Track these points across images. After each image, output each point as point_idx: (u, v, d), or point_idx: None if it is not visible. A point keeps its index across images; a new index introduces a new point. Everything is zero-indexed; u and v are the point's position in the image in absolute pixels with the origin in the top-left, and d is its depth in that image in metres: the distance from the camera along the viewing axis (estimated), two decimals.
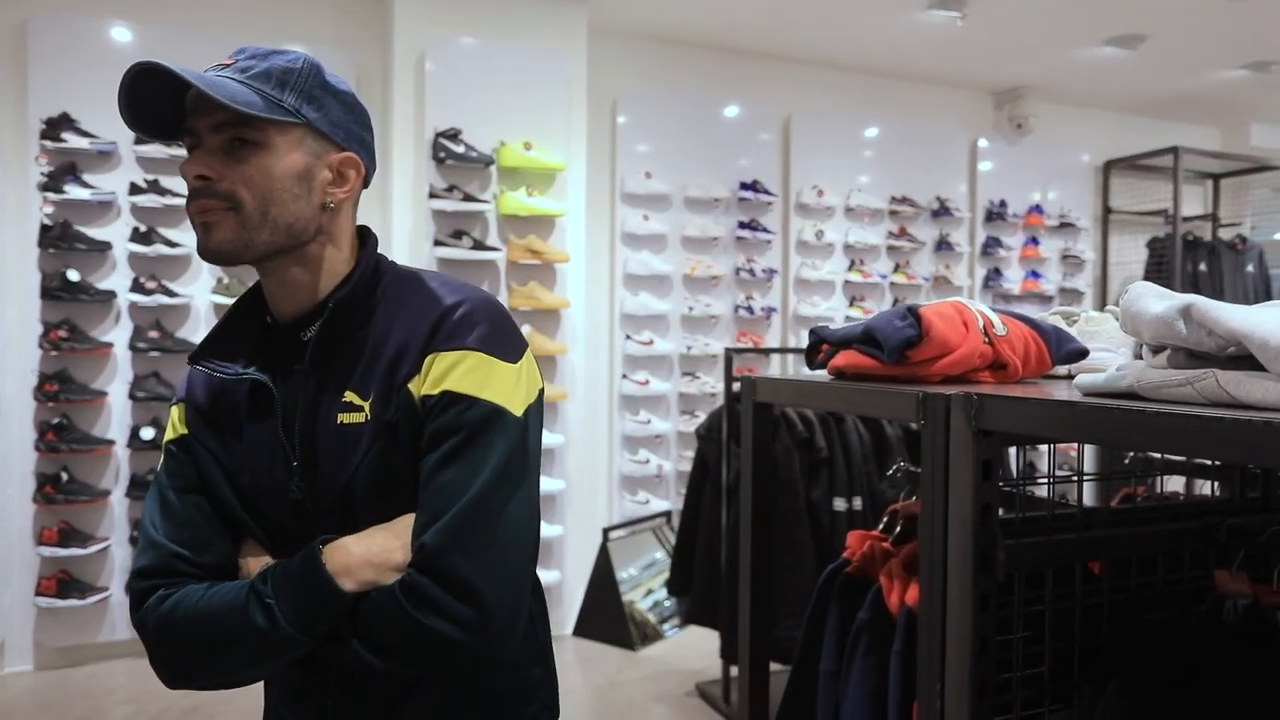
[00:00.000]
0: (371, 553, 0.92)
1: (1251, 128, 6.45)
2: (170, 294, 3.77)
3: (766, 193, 5.03)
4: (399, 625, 0.89)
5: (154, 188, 3.75)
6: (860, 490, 3.03)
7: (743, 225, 5.00)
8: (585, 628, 4.21)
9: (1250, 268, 6.10)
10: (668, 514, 4.72)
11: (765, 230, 5.03)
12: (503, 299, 4.05)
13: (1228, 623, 1.13)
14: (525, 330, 4.04)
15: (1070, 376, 1.36)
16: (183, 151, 3.37)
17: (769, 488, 1.52)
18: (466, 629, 0.88)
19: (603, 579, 4.18)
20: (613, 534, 4.30)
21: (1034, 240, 5.83)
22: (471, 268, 3.99)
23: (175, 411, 1.07)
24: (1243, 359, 0.85)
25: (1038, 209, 5.83)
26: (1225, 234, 6.32)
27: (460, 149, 3.90)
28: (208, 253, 0.94)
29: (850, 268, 5.30)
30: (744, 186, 5.00)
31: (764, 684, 1.54)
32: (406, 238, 3.98)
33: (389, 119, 4.06)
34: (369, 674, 0.93)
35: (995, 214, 5.70)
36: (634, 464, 4.72)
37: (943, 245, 5.52)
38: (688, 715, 3.36)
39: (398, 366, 0.95)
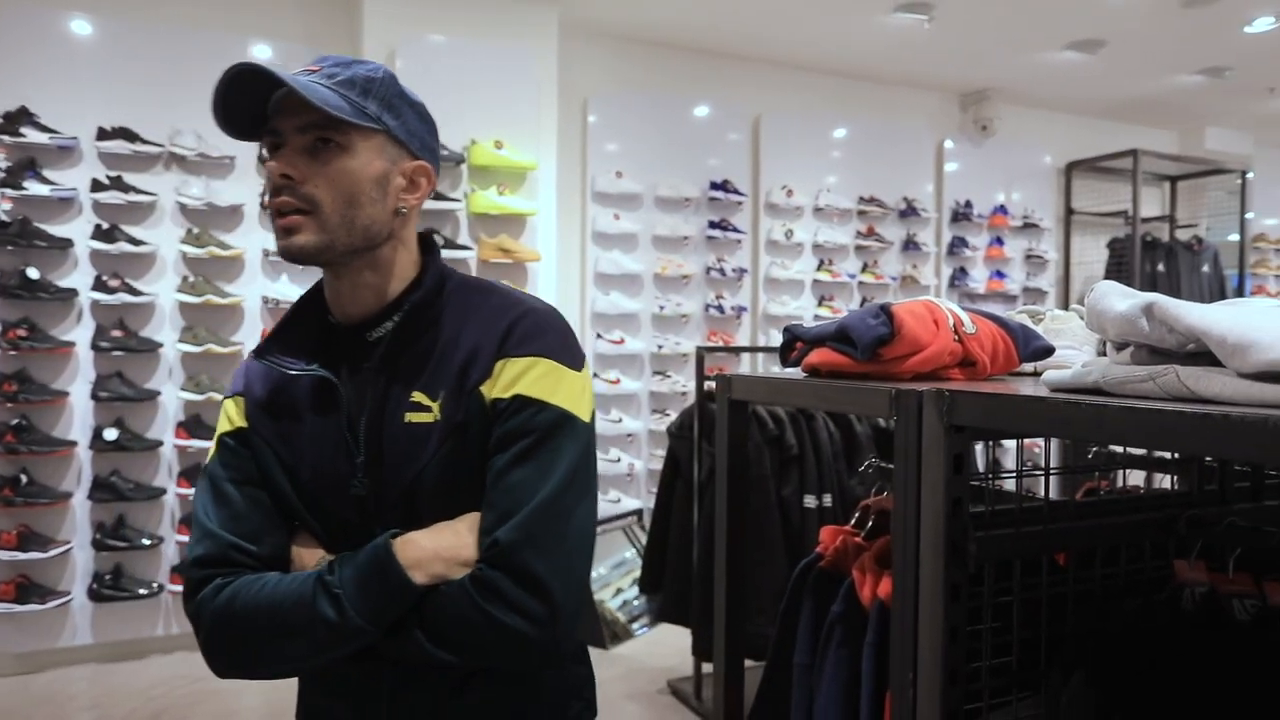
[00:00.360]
0: (442, 547, 0.94)
1: (1207, 131, 6.61)
2: (134, 292, 3.70)
3: (737, 192, 5.06)
4: (471, 619, 0.91)
5: (117, 184, 3.69)
6: (830, 487, 3.06)
7: (713, 225, 5.03)
8: None
9: (1206, 268, 6.26)
10: (639, 512, 4.73)
11: (735, 230, 5.06)
12: None
13: (1186, 611, 1.16)
14: None
15: (1037, 374, 1.39)
16: (146, 148, 3.31)
17: (742, 485, 1.54)
18: (536, 624, 0.91)
19: None
20: None
21: (999, 240, 5.93)
22: None
23: (231, 405, 1.08)
24: (1201, 355, 0.88)
25: (1002, 209, 5.93)
26: (1182, 235, 6.47)
27: None
28: (289, 253, 0.97)
29: (819, 267, 5.35)
30: (714, 186, 5.03)
31: (739, 679, 1.55)
32: None
33: None
34: (428, 667, 0.95)
35: (961, 214, 5.79)
36: (605, 463, 4.72)
37: (910, 245, 5.60)
38: (660, 713, 3.38)
39: (469, 370, 0.98)
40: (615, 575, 4.37)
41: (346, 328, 1.05)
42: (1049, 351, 1.38)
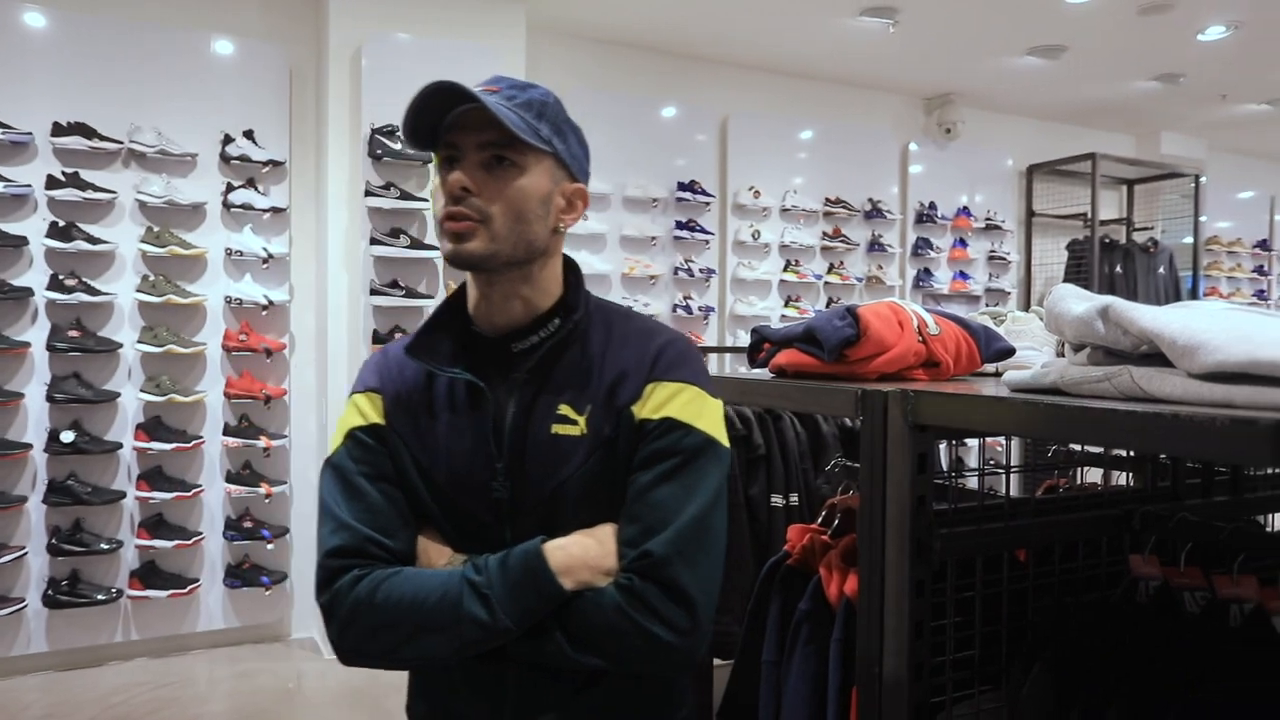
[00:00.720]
0: (589, 556, 0.97)
1: (1162, 136, 6.77)
2: (92, 291, 3.63)
3: (704, 193, 5.08)
4: (619, 626, 0.94)
5: (73, 181, 3.62)
6: (797, 486, 3.08)
7: (680, 225, 5.04)
8: None
9: (1161, 269, 6.40)
10: None
11: (703, 230, 5.08)
12: (440, 298, 4.01)
13: (1141, 603, 1.20)
14: None
15: (998, 374, 1.42)
16: (104, 144, 3.25)
17: None
18: (681, 634, 0.94)
19: None
20: None
21: (962, 242, 6.02)
22: (409, 266, 3.95)
23: (364, 400, 1.10)
24: (1154, 356, 0.91)
25: (965, 211, 6.02)
26: (1139, 237, 6.61)
27: (398, 146, 3.85)
28: (458, 258, 1.01)
29: (786, 268, 5.39)
30: (682, 187, 5.05)
31: (708, 678, 1.57)
32: (342, 235, 3.91)
33: (323, 115, 3.99)
34: (556, 667, 0.98)
35: (925, 216, 5.87)
36: None
37: (875, 246, 5.66)
38: None
39: (618, 390, 1.03)
40: None
41: (490, 338, 1.08)
42: (1010, 352, 1.41)
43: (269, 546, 3.94)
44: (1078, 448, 1.45)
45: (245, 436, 3.89)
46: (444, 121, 1.01)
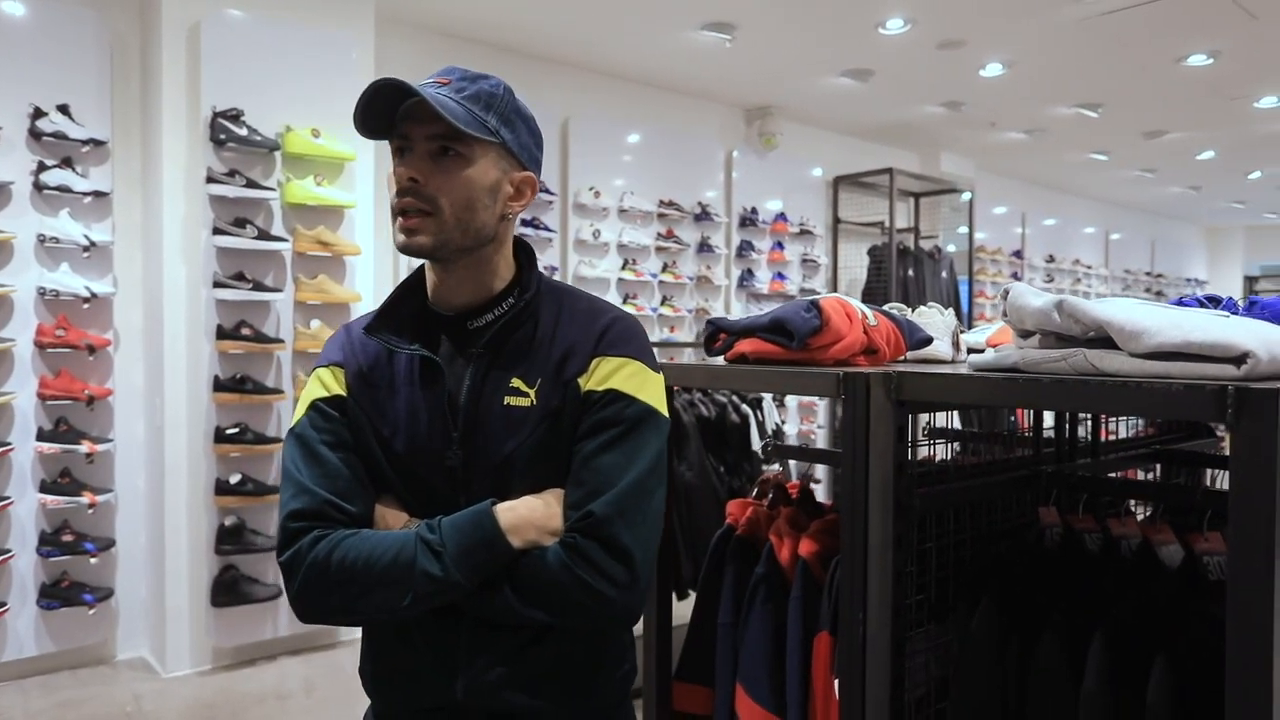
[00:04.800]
0: (536, 516, 1.04)
1: (942, 155, 7.62)
2: None
3: (547, 192, 5.17)
4: (563, 581, 1.01)
5: None
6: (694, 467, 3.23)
7: (525, 223, 5.09)
8: None
9: (944, 274, 7.22)
10: None
11: (546, 228, 5.17)
12: (289, 292, 3.84)
13: (1048, 546, 1.46)
14: (315, 325, 3.88)
15: (922, 360, 1.65)
16: None
17: None
18: (621, 589, 1.02)
19: None
20: None
21: (780, 245, 6.48)
22: (256, 258, 3.74)
23: (326, 374, 1.16)
24: (1098, 340, 1.14)
25: (782, 217, 6.49)
26: (925, 245, 7.41)
27: (243, 131, 3.64)
28: (409, 250, 1.08)
29: (624, 266, 5.58)
30: None
31: (668, 643, 1.69)
32: (179, 224, 3.64)
33: (154, 94, 3.70)
34: (505, 622, 1.04)
35: (748, 220, 6.27)
36: None
37: (704, 247, 5.98)
38: None
39: (566, 364, 1.10)
40: None
41: (446, 316, 1.15)
42: (928, 341, 1.64)
43: (92, 561, 3.60)
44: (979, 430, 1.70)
45: (64, 441, 3.53)
46: (397, 112, 1.07)
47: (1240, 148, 7.62)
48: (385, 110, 1.07)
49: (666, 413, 1.12)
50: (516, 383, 1.10)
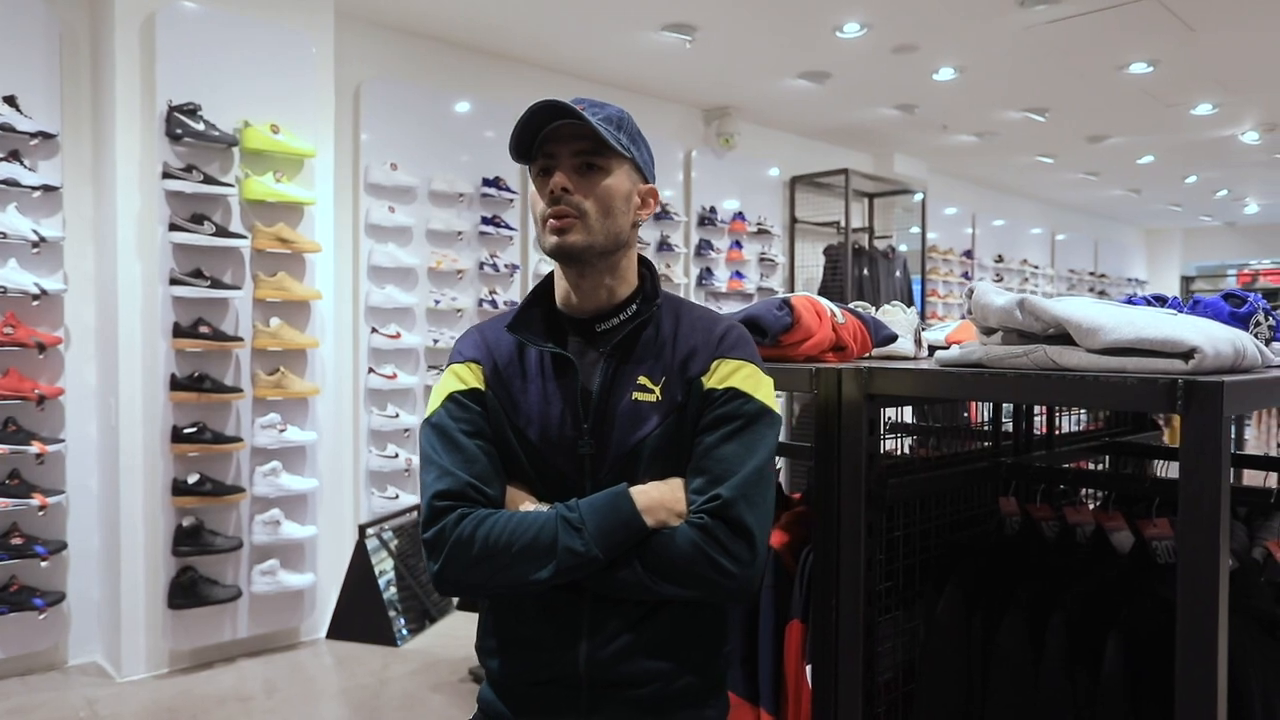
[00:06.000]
0: (666, 499, 1.15)
1: (895, 157, 7.78)
2: None
3: (509, 190, 5.16)
4: (692, 557, 1.11)
5: None
6: None
7: (486, 221, 5.09)
8: (341, 629, 4.08)
9: (898, 273, 7.37)
10: (418, 508, 4.69)
11: (508, 226, 5.16)
12: (249, 290, 3.80)
13: (1008, 534, 1.52)
14: (275, 324, 3.84)
15: (887, 357, 1.71)
16: None
17: None
18: (743, 565, 1.12)
19: (361, 576, 4.08)
20: (370, 529, 4.21)
21: (738, 244, 6.56)
22: (214, 255, 3.69)
23: (464, 369, 1.27)
24: (1057, 337, 1.20)
25: (740, 216, 6.57)
26: (879, 244, 7.56)
27: (200, 126, 3.59)
28: (560, 250, 1.20)
29: None
30: (487, 183, 5.10)
31: None
32: (133, 220, 3.57)
33: (106, 87, 3.62)
34: (632, 597, 1.15)
35: (707, 219, 6.34)
36: (382, 459, 4.64)
37: (664, 246, 6.03)
38: (466, 699, 3.43)
39: (689, 364, 1.22)
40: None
41: (576, 320, 1.27)
42: (893, 338, 1.70)
43: (43, 564, 3.52)
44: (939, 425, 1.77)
45: (13, 442, 3.44)
46: (539, 136, 1.20)
47: (1178, 153, 7.91)
48: (536, 131, 1.19)
49: (779, 411, 1.23)
50: (643, 380, 1.21)
